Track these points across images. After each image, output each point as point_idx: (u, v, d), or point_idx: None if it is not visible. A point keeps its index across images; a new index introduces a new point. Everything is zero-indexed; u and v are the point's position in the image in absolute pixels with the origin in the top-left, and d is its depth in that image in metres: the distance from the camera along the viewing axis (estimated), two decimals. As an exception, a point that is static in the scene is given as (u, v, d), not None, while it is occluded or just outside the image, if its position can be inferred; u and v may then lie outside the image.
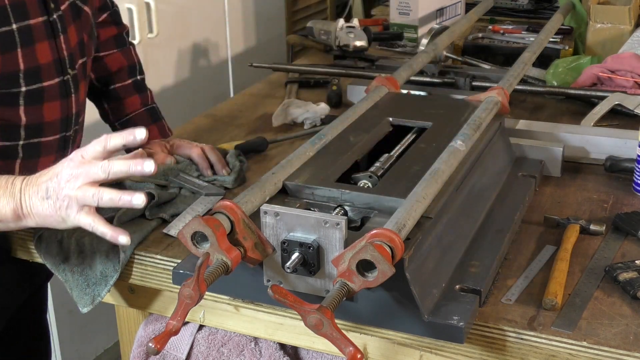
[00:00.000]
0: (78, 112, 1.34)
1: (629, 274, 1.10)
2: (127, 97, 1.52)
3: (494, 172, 1.35)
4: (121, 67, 1.53)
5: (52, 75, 1.25)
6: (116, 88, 1.52)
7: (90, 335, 2.47)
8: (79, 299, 1.24)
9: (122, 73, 1.53)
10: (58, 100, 1.27)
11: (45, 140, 1.28)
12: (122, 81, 1.52)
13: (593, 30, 2.16)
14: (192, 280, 0.90)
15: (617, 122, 1.67)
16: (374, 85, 1.48)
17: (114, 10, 1.55)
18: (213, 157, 1.44)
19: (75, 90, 1.31)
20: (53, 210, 1.05)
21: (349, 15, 3.86)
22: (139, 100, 1.54)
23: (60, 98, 1.27)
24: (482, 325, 1.02)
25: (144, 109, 1.53)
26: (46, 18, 1.23)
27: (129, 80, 1.53)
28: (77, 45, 1.32)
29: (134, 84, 1.54)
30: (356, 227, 1.07)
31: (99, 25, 1.50)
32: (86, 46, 1.35)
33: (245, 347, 1.26)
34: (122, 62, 1.53)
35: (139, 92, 1.54)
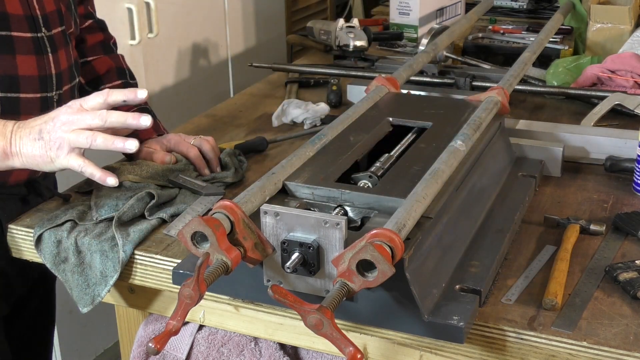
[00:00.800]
0: (59, 74, 1.35)
1: (629, 274, 1.10)
2: None
3: (494, 172, 1.35)
4: (109, 69, 1.55)
5: (23, 29, 1.28)
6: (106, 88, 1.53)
7: (90, 335, 2.47)
8: (79, 299, 1.24)
9: (111, 74, 1.55)
10: (33, 56, 1.29)
11: (24, 97, 1.30)
12: (111, 81, 1.54)
13: (593, 30, 2.16)
14: (192, 280, 0.90)
15: (617, 122, 1.67)
16: (374, 85, 1.48)
17: (99, 20, 1.59)
18: (210, 154, 1.44)
19: (52, 51, 1.33)
20: (43, 150, 1.13)
21: (349, 15, 3.86)
22: None
23: (35, 54, 1.29)
24: (482, 325, 1.02)
25: (136, 108, 1.53)
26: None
27: (119, 81, 1.54)
28: (55, 13, 1.35)
29: (125, 85, 1.55)
30: (356, 227, 1.07)
31: (85, 31, 1.53)
32: (65, 17, 1.38)
33: (245, 347, 1.26)
34: (110, 64, 1.55)
35: None
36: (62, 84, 1.38)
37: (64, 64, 1.38)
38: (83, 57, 1.53)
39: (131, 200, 1.28)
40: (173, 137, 1.49)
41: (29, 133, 1.14)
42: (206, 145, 1.45)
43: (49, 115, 1.15)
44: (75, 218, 1.28)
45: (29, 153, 1.14)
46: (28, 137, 1.13)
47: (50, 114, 1.15)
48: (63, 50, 1.37)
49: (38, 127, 1.14)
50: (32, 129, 1.14)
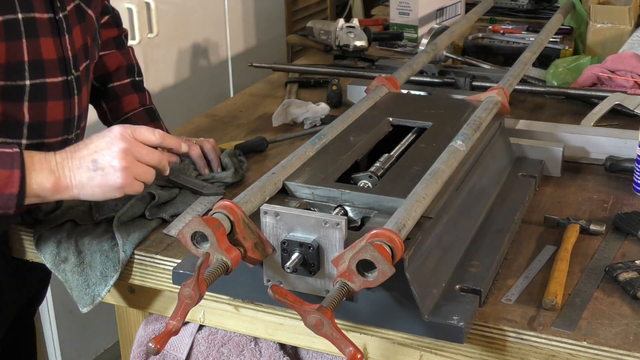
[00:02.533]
0: (80, 115, 1.33)
1: (629, 274, 1.10)
2: (125, 96, 1.52)
3: (494, 172, 1.35)
4: (119, 66, 1.54)
5: (56, 73, 1.25)
6: (114, 86, 1.52)
7: (90, 335, 2.47)
8: (79, 299, 1.24)
9: (121, 72, 1.54)
10: (61, 100, 1.27)
11: (48, 142, 1.28)
12: (120, 80, 1.53)
13: (593, 30, 2.16)
14: (192, 280, 0.90)
15: (617, 122, 1.67)
16: (374, 85, 1.48)
17: (114, 14, 1.57)
18: (211, 154, 1.44)
19: (78, 92, 1.30)
20: (105, 180, 1.12)
21: (349, 15, 3.86)
22: (137, 99, 1.54)
23: (63, 98, 1.27)
24: (482, 325, 1.02)
25: (142, 108, 1.53)
26: (52, 15, 1.23)
27: (127, 79, 1.54)
28: (82, 48, 1.32)
29: (132, 83, 1.54)
30: (356, 227, 1.07)
31: (102, 26, 1.50)
32: (89, 50, 1.35)
33: (245, 347, 1.26)
34: (121, 61, 1.54)
35: (137, 92, 1.55)
36: (81, 123, 1.36)
37: (85, 103, 1.36)
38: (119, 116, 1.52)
39: (131, 200, 1.28)
40: None
41: (80, 164, 1.12)
42: (207, 145, 1.45)
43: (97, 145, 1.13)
44: (76, 218, 1.28)
45: (86, 184, 1.12)
46: (81, 168, 1.11)
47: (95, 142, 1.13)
48: (86, 86, 1.35)
49: (90, 158, 1.12)
50: (81, 159, 1.12)
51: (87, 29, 1.34)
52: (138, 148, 1.14)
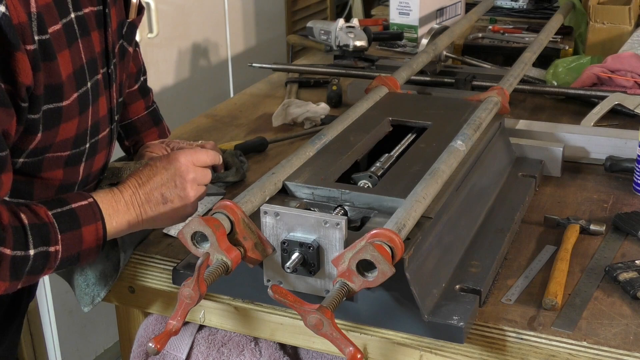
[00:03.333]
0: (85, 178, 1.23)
1: (629, 274, 1.10)
2: (132, 103, 1.48)
3: (494, 172, 1.35)
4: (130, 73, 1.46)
5: (105, 126, 1.19)
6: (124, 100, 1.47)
7: (90, 335, 2.47)
8: (79, 298, 1.24)
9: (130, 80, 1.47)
10: (105, 149, 1.23)
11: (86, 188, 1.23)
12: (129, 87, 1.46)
13: (593, 30, 2.16)
14: (192, 280, 0.90)
15: (617, 122, 1.67)
16: (374, 85, 1.48)
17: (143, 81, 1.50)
18: None
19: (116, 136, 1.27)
20: (175, 212, 1.11)
21: (349, 15, 3.86)
22: (142, 105, 1.50)
23: (107, 147, 1.23)
24: (482, 325, 1.02)
25: (146, 112, 1.50)
26: (105, 70, 1.16)
27: (135, 85, 1.49)
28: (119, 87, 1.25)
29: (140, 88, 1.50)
30: (356, 227, 1.07)
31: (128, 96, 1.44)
32: (123, 86, 1.29)
33: (245, 347, 1.26)
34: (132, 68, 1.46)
35: (143, 96, 1.51)
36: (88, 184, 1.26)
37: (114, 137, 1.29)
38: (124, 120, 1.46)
39: (131, 200, 1.28)
40: (176, 142, 1.48)
41: (149, 198, 1.10)
42: (209, 147, 1.44)
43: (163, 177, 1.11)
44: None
45: (156, 217, 1.11)
46: (150, 202, 1.10)
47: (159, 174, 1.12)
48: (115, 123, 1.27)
49: (158, 192, 1.11)
50: (149, 194, 1.10)
51: (125, 66, 1.27)
52: (199, 173, 1.13)
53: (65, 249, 1.01)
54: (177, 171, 1.11)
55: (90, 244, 1.04)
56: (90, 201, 1.06)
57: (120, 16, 1.20)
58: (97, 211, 1.05)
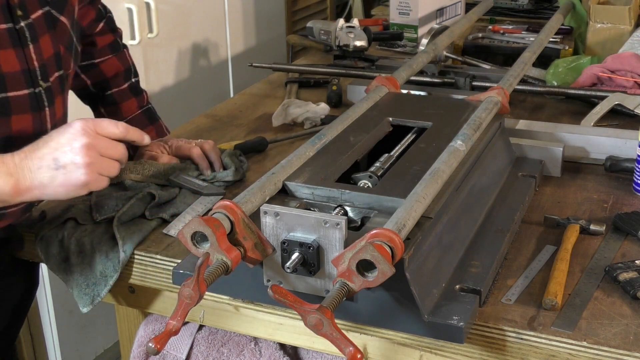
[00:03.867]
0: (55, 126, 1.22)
1: (629, 274, 1.10)
2: (123, 102, 1.51)
3: (494, 172, 1.35)
4: (117, 73, 1.52)
5: (20, 86, 1.17)
6: (113, 93, 1.51)
7: (90, 335, 2.47)
8: (79, 299, 1.24)
9: (119, 78, 1.52)
10: (29, 113, 1.18)
11: None
12: (118, 86, 1.51)
13: (593, 30, 2.16)
14: (192, 280, 0.90)
15: (617, 122, 1.67)
16: (374, 85, 1.48)
17: (108, 17, 1.53)
18: (212, 155, 1.44)
19: (49, 104, 1.22)
20: (67, 178, 1.07)
21: (349, 15, 3.86)
22: (135, 104, 1.53)
23: (31, 111, 1.19)
24: (482, 325, 1.02)
25: (140, 111, 1.52)
26: (11, 25, 1.15)
27: (125, 84, 1.52)
28: (53, 57, 1.24)
29: (130, 87, 1.53)
30: (356, 227, 1.07)
31: (97, 34, 1.48)
32: (63, 59, 1.27)
33: (245, 347, 1.26)
34: (118, 67, 1.52)
35: (135, 95, 1.54)
36: None
37: (60, 113, 1.27)
38: (91, 59, 1.49)
39: (131, 200, 1.28)
40: (174, 141, 1.49)
41: (40, 164, 1.06)
42: (207, 146, 1.45)
43: (58, 142, 1.07)
44: (76, 216, 1.28)
45: (48, 184, 1.07)
46: (42, 168, 1.06)
47: (55, 139, 1.07)
48: (60, 97, 1.26)
49: (50, 156, 1.06)
50: (41, 159, 1.07)
51: (59, 37, 1.26)
52: (101, 142, 1.09)
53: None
54: (72, 135, 1.07)
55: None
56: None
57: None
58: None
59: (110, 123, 1.12)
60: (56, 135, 1.09)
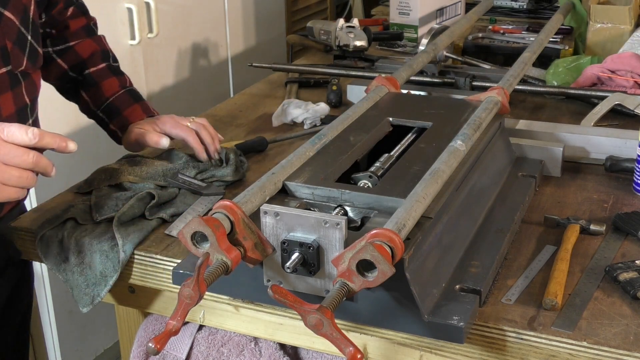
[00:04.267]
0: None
1: (629, 274, 1.10)
2: (103, 81, 1.48)
3: (494, 172, 1.35)
4: (93, 52, 1.49)
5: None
6: (91, 72, 1.48)
7: (90, 335, 2.47)
8: (79, 299, 1.24)
9: (95, 58, 1.49)
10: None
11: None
12: (95, 65, 1.49)
13: (593, 30, 2.16)
14: (192, 280, 0.90)
15: (617, 122, 1.67)
16: (374, 85, 1.48)
17: (78, 3, 1.52)
18: (207, 138, 1.41)
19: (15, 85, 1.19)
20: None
21: (349, 15, 3.86)
22: (116, 83, 1.49)
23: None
24: (482, 325, 1.02)
25: (123, 90, 1.48)
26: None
27: (103, 64, 1.50)
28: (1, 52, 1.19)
29: (109, 67, 1.50)
30: (356, 227, 1.07)
31: (68, 18, 1.48)
32: (12, 54, 1.22)
33: (245, 347, 1.26)
34: (95, 47, 1.50)
35: (115, 75, 1.50)
36: None
37: (9, 110, 1.22)
38: (66, 43, 1.48)
39: (131, 200, 1.28)
40: (167, 119, 1.45)
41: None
42: (203, 130, 1.42)
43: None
44: (76, 216, 1.28)
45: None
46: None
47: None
48: (9, 93, 1.21)
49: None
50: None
51: (3, 31, 1.20)
52: (5, 150, 1.00)
53: None
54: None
55: None
56: None
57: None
58: None
59: (19, 129, 1.02)
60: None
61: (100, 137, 2.28)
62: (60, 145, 1.06)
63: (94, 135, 2.29)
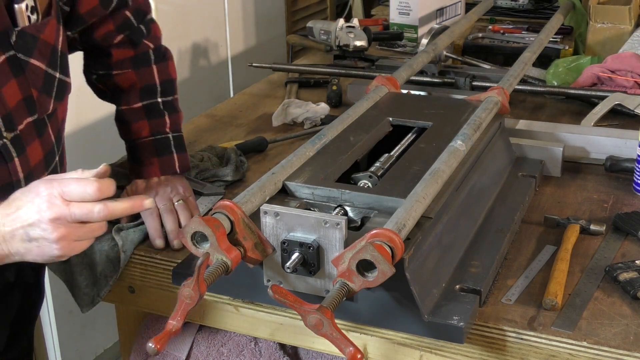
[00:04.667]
0: (30, 174, 1.12)
1: (629, 274, 1.10)
2: (133, 122, 1.37)
3: (494, 172, 1.35)
4: (132, 87, 1.38)
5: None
6: (123, 110, 1.38)
7: (90, 335, 2.47)
8: (79, 299, 1.24)
9: (132, 94, 1.37)
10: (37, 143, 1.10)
11: None
12: (129, 104, 1.37)
13: (593, 30, 2.16)
14: (192, 280, 0.90)
15: (617, 122, 1.67)
16: (374, 85, 1.48)
17: (135, 30, 1.37)
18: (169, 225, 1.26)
19: (19, 153, 1.11)
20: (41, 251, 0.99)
21: (349, 15, 3.86)
22: (147, 128, 1.37)
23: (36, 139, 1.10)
24: (482, 325, 1.02)
25: (151, 138, 1.37)
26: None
27: (139, 103, 1.37)
28: (22, 103, 1.12)
29: (145, 108, 1.37)
30: (356, 227, 1.07)
31: (114, 46, 1.35)
32: (38, 102, 1.15)
33: (245, 347, 1.26)
34: (135, 82, 1.38)
35: (151, 118, 1.37)
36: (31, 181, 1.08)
37: (38, 157, 1.16)
38: (107, 70, 1.37)
39: (131, 200, 1.28)
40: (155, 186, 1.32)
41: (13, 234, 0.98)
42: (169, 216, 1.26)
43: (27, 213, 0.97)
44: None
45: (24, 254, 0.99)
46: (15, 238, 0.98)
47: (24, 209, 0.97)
48: (37, 142, 1.15)
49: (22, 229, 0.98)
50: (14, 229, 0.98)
51: (30, 81, 1.13)
52: (71, 210, 0.97)
53: None
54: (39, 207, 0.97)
55: None
56: None
57: (2, 24, 1.07)
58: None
59: (79, 186, 0.97)
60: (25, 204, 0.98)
61: (101, 137, 2.28)
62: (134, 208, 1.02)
63: (94, 135, 2.29)
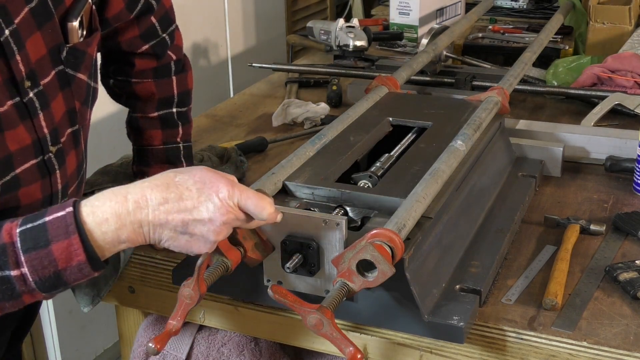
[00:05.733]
0: (66, 185, 1.12)
1: (629, 274, 1.10)
2: (146, 130, 1.36)
3: (494, 172, 1.35)
4: (149, 98, 1.36)
5: (28, 158, 1.04)
6: (138, 117, 1.36)
7: (90, 335, 2.47)
8: (79, 299, 1.24)
9: (150, 104, 1.36)
10: (38, 182, 1.07)
11: None
12: (145, 112, 1.36)
13: (593, 30, 2.16)
14: (192, 280, 0.90)
15: (617, 122, 1.67)
16: (374, 85, 1.48)
17: (160, 41, 1.34)
18: None
19: (60, 165, 1.10)
20: (189, 245, 0.93)
21: (349, 15, 3.86)
22: (160, 137, 1.37)
23: (40, 179, 1.07)
24: (482, 325, 1.02)
25: (163, 146, 1.37)
26: (18, 100, 1.01)
27: (155, 113, 1.36)
28: (66, 115, 1.12)
29: (161, 118, 1.37)
30: (356, 227, 1.07)
31: (138, 56, 1.33)
32: (78, 113, 1.15)
33: (245, 347, 1.26)
34: (153, 92, 1.36)
35: (165, 128, 1.37)
36: (68, 190, 1.12)
37: (73, 167, 1.14)
38: (127, 77, 1.34)
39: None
40: None
41: (166, 221, 0.90)
42: None
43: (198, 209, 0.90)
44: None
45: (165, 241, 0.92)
46: (168, 228, 0.91)
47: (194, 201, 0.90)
48: (73, 152, 1.14)
49: (181, 219, 0.90)
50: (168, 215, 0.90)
51: (74, 94, 1.13)
52: (239, 222, 0.93)
53: (32, 270, 0.86)
54: (214, 209, 0.91)
55: (68, 262, 0.88)
56: (68, 211, 0.88)
57: (55, 41, 1.07)
58: (72, 223, 0.87)
59: (258, 204, 0.93)
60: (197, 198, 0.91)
61: (101, 137, 2.28)
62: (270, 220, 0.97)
63: (95, 135, 2.29)
